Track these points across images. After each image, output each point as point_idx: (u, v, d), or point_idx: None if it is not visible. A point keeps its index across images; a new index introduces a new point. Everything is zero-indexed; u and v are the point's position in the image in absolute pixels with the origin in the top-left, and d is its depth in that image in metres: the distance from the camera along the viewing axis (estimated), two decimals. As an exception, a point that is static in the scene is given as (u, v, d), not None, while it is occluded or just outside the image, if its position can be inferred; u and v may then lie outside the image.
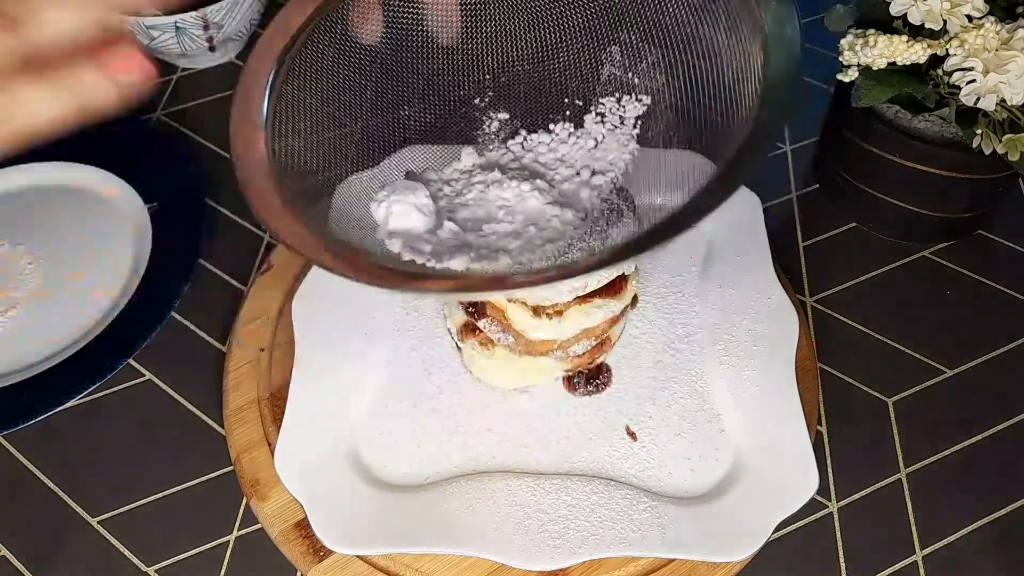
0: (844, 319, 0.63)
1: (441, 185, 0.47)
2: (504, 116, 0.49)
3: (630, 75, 0.46)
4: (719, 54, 0.40)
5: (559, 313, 0.50)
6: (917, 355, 0.61)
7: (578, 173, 0.48)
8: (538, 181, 0.47)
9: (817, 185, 0.71)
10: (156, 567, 0.51)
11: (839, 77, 0.59)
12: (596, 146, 0.49)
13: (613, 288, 0.51)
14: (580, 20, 0.45)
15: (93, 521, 0.53)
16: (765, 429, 0.53)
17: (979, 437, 0.57)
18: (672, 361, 0.57)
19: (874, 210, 0.67)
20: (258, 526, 0.52)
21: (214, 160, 0.74)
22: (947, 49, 0.55)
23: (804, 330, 0.59)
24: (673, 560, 0.49)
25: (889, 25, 0.57)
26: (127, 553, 0.52)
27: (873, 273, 0.66)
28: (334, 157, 0.43)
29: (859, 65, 0.57)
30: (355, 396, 0.55)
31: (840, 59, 0.58)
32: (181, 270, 0.63)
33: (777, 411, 0.53)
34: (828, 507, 0.53)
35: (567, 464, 0.52)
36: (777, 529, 0.48)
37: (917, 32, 0.56)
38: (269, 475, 0.52)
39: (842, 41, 0.58)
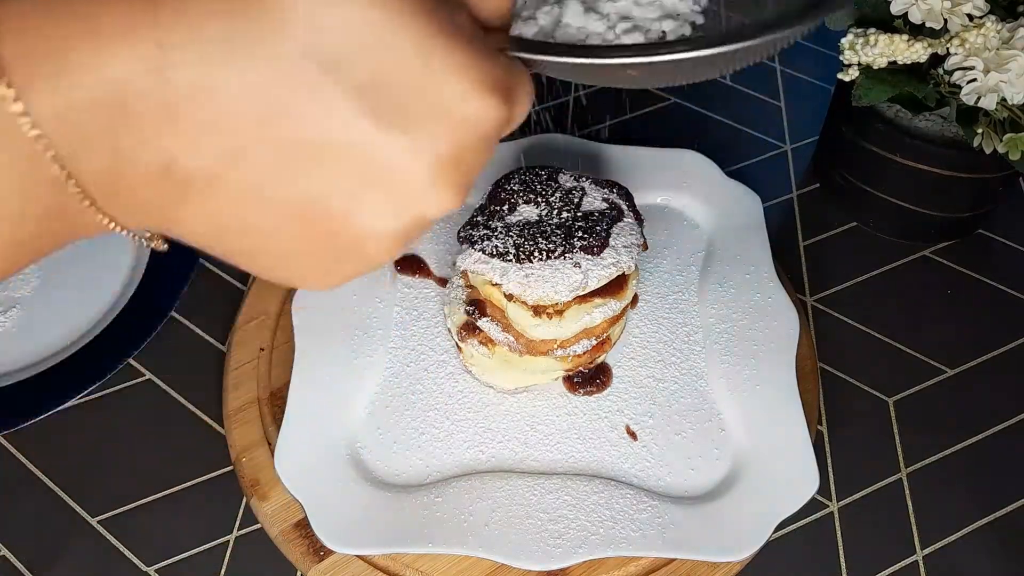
0: (844, 319, 0.63)
1: None
2: None
3: None
4: None
5: (559, 312, 0.50)
6: (917, 355, 0.61)
7: None
8: None
9: (817, 185, 0.71)
10: (156, 567, 0.51)
11: (839, 76, 0.59)
12: None
13: (613, 287, 0.51)
14: None
15: (93, 521, 0.53)
16: (765, 429, 0.53)
17: (979, 437, 0.57)
18: (672, 361, 0.57)
19: (874, 210, 0.67)
20: (258, 526, 0.52)
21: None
22: (948, 48, 0.55)
23: (804, 330, 0.59)
24: (673, 560, 0.49)
25: (890, 24, 0.57)
26: (127, 553, 0.52)
27: (873, 273, 0.66)
28: None
29: (860, 64, 0.57)
30: (355, 396, 0.55)
31: (840, 58, 0.58)
32: (181, 270, 0.63)
33: (777, 411, 0.53)
34: (828, 507, 0.53)
35: (567, 464, 0.52)
36: (777, 529, 0.48)
37: (918, 31, 0.56)
38: (269, 475, 0.52)
39: (842, 40, 0.58)
